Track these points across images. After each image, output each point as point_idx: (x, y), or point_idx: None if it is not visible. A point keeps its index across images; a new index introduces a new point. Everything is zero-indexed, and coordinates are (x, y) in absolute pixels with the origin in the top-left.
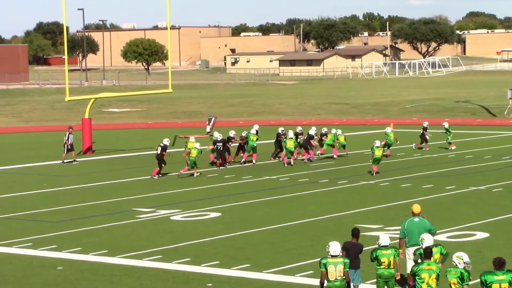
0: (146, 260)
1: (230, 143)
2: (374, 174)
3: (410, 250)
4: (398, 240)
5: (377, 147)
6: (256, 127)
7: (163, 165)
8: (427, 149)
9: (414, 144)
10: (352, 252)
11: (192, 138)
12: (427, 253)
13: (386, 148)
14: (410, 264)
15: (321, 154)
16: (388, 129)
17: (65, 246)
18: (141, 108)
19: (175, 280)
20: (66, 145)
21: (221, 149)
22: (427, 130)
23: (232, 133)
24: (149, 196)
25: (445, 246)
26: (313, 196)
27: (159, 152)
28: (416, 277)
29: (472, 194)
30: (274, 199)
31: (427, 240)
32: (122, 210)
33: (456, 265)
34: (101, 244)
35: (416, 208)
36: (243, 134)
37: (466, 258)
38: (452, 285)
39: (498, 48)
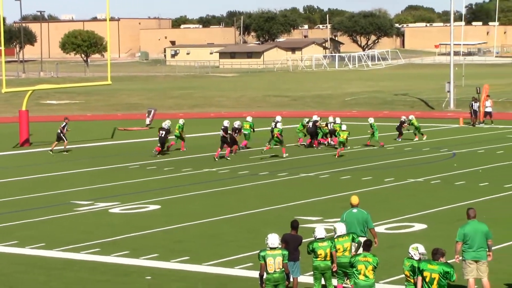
0: (84, 253)
1: (236, 133)
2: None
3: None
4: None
5: (343, 130)
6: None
7: (164, 147)
8: (400, 140)
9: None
10: (291, 244)
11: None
12: (365, 245)
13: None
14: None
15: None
16: (371, 120)
17: (0, 240)
18: (79, 100)
19: (114, 273)
20: (62, 134)
21: (162, 136)
22: (405, 124)
23: (237, 124)
24: (88, 188)
25: (384, 237)
26: (253, 189)
27: (162, 136)
28: (353, 269)
29: (410, 186)
30: (214, 191)
31: (339, 228)
32: (60, 203)
33: (412, 256)
34: (38, 237)
35: (354, 199)
36: (236, 125)
37: (421, 249)
38: (407, 277)
39: (437, 41)
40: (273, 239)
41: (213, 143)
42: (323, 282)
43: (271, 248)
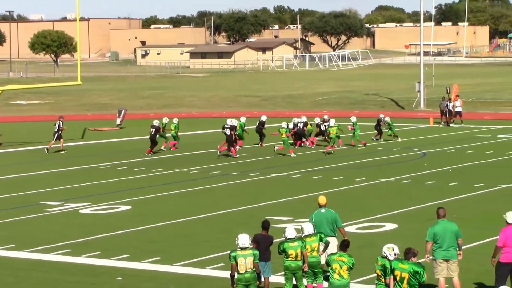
0: (54, 254)
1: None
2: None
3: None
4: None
5: (331, 126)
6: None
7: (155, 145)
8: (377, 139)
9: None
10: (262, 244)
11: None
12: (343, 245)
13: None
14: (324, 255)
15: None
16: (353, 118)
17: None
18: (49, 101)
19: (84, 273)
20: (58, 133)
21: (152, 133)
22: (382, 122)
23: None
24: (58, 189)
25: (355, 237)
26: (225, 189)
27: (153, 133)
28: (328, 267)
29: (381, 186)
30: (185, 191)
31: (306, 228)
32: (31, 204)
33: (386, 256)
34: (8, 238)
35: (322, 199)
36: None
37: (396, 249)
38: (379, 276)
39: (407, 41)
40: (244, 239)
41: (184, 143)
42: (294, 282)
43: (242, 248)
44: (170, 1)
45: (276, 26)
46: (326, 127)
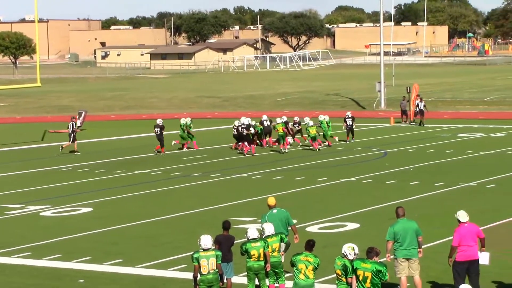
0: (15, 257)
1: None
2: (318, 150)
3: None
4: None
5: (311, 126)
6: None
7: (163, 144)
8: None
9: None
10: (224, 245)
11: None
12: (308, 245)
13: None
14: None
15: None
16: (321, 117)
17: None
18: (8, 103)
19: (46, 276)
20: (72, 134)
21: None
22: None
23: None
24: (18, 192)
25: (317, 237)
26: (187, 190)
27: (158, 133)
28: (294, 268)
29: (343, 186)
30: (147, 193)
31: (267, 229)
32: None
33: (347, 255)
34: None
35: (271, 201)
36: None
37: (356, 249)
38: (338, 276)
39: (367, 41)
40: (206, 240)
41: (146, 144)
42: (257, 282)
43: (205, 250)
44: (129, 2)
45: (237, 27)
46: (298, 127)
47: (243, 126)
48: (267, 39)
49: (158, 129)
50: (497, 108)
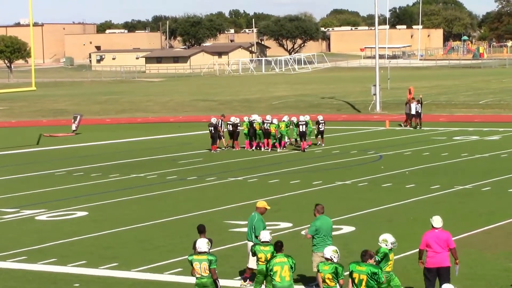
0: (11, 262)
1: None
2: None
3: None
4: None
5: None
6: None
7: (218, 140)
8: (323, 144)
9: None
10: None
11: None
12: (277, 247)
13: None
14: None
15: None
16: (307, 117)
17: None
18: (3, 107)
19: (41, 281)
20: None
21: (212, 132)
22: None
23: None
24: (13, 196)
25: (310, 241)
26: (182, 193)
27: (213, 132)
28: (270, 272)
29: (338, 189)
30: (143, 196)
31: (263, 236)
32: None
33: (332, 259)
34: None
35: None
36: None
37: (338, 252)
38: (327, 280)
39: (362, 45)
40: (200, 244)
41: (141, 148)
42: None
43: (199, 253)
44: (124, 6)
45: (232, 30)
46: (268, 126)
47: (268, 122)
48: (262, 43)
49: (212, 128)
50: (492, 111)
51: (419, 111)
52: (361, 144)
